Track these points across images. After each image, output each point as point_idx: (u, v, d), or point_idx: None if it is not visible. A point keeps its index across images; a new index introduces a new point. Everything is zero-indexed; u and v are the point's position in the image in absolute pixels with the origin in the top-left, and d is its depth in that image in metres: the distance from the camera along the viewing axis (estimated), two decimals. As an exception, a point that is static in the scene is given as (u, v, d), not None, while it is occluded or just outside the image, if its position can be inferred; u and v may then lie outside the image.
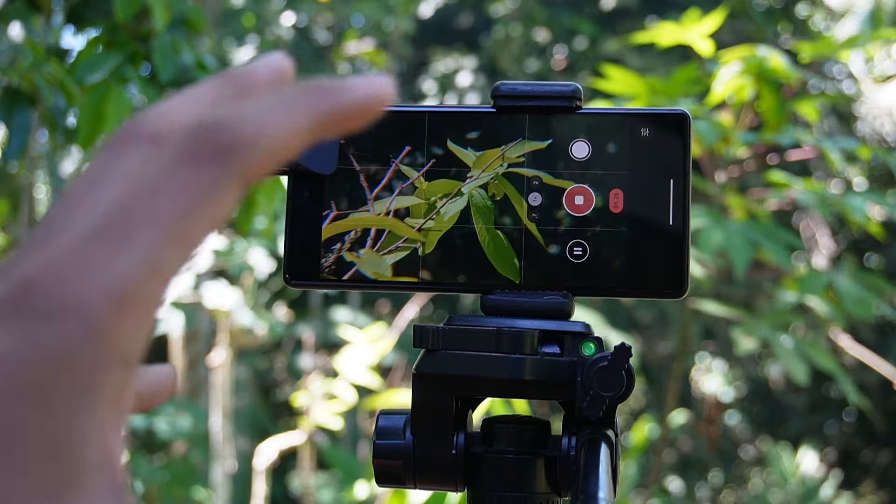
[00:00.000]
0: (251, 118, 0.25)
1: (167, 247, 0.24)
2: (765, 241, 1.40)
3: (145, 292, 0.23)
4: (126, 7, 1.32)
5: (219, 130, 0.25)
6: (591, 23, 4.17)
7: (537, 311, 0.48)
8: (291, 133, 0.26)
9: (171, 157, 0.25)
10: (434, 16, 4.73)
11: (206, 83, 0.28)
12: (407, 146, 0.49)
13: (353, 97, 0.27)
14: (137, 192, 0.24)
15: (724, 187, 1.58)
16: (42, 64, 1.29)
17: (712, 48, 1.58)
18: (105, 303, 0.22)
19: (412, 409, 0.48)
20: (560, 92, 0.49)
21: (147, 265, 0.23)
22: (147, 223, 0.24)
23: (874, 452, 4.78)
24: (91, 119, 1.32)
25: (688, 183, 0.49)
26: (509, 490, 0.48)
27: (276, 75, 0.29)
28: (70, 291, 0.22)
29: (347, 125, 0.27)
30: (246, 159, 0.25)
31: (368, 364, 1.87)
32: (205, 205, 0.24)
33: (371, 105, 0.27)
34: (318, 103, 0.26)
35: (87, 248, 0.23)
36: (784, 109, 1.51)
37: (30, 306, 0.22)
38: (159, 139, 0.26)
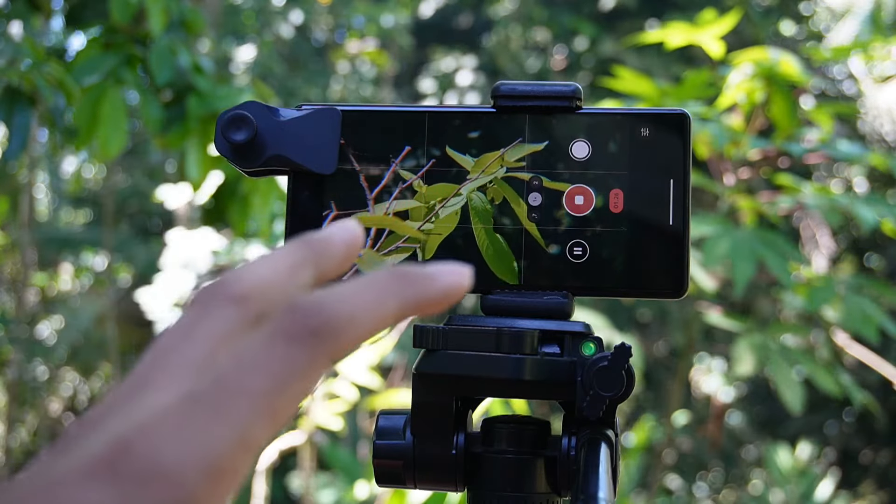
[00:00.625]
0: (344, 303, 0.27)
1: (259, 422, 0.25)
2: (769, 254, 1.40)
3: (235, 465, 0.24)
4: (123, 10, 1.32)
5: (315, 312, 0.26)
6: (591, 23, 4.17)
7: (537, 311, 0.48)
8: (380, 319, 0.28)
9: (267, 333, 0.26)
10: (434, 16, 4.73)
11: (287, 248, 0.30)
12: (407, 146, 0.49)
13: (438, 288, 0.29)
14: (233, 364, 0.25)
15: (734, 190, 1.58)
16: (42, 64, 1.29)
17: (723, 50, 1.58)
18: (198, 474, 0.23)
19: (412, 409, 0.48)
20: (560, 92, 0.49)
21: (239, 439, 0.24)
22: (241, 398, 0.25)
23: (874, 452, 4.78)
24: (87, 121, 1.32)
25: (688, 183, 0.49)
26: (509, 490, 0.47)
27: (351, 244, 0.31)
28: (165, 459, 0.23)
29: (429, 311, 0.29)
30: (337, 341, 0.26)
31: (368, 364, 1.87)
32: (297, 383, 0.26)
33: (453, 295, 0.29)
34: (406, 292, 0.28)
35: (182, 415, 0.24)
36: (796, 113, 1.51)
37: (126, 469, 0.23)
38: (244, 301, 0.28)
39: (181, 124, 1.39)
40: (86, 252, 4.63)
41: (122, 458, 0.23)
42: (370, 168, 0.49)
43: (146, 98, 1.35)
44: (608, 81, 1.58)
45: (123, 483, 0.23)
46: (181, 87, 1.40)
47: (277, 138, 0.48)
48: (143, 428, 0.24)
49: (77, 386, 4.84)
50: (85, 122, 1.32)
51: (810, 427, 4.56)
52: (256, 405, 0.25)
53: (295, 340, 0.26)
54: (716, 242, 1.40)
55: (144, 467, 0.23)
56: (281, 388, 0.25)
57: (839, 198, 1.53)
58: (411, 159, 0.49)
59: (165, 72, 1.34)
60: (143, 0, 1.33)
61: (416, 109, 0.50)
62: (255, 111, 0.48)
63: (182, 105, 1.40)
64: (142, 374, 0.26)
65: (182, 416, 0.24)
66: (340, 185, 0.49)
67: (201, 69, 1.42)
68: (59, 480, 0.23)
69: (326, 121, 0.49)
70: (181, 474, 0.23)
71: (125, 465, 0.23)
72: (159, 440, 0.23)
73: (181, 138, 1.40)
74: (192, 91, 1.40)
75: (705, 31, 1.56)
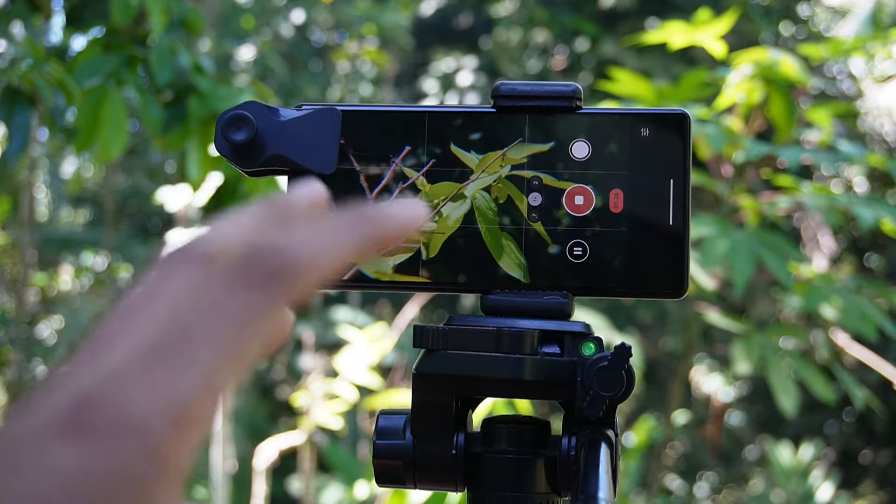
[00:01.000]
0: (301, 243, 0.27)
1: (222, 367, 0.25)
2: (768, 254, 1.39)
3: (201, 411, 0.24)
4: (123, 11, 1.32)
5: (272, 255, 0.26)
6: (592, 23, 4.17)
7: (537, 311, 0.48)
8: (338, 258, 0.28)
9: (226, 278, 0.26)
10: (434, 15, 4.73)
11: (252, 209, 0.30)
12: (407, 146, 0.49)
13: (393, 225, 0.29)
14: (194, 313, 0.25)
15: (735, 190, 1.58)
16: (42, 64, 1.29)
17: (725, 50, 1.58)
18: (164, 423, 0.23)
19: (412, 409, 0.48)
20: (560, 92, 0.49)
21: (204, 385, 0.24)
22: (204, 344, 0.25)
23: (874, 452, 4.78)
24: (87, 122, 1.32)
25: (688, 183, 0.49)
26: (509, 490, 0.48)
27: (314, 202, 0.32)
28: (130, 410, 0.23)
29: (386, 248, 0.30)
30: (296, 282, 0.26)
31: (368, 364, 1.87)
32: (258, 325, 0.26)
33: (408, 230, 0.30)
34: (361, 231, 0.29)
35: (145, 366, 0.24)
36: (794, 114, 1.51)
37: (89, 424, 0.23)
38: (209, 261, 0.28)
39: (181, 125, 1.39)
40: (86, 252, 4.63)
41: (85, 413, 0.23)
42: (370, 168, 0.49)
43: (146, 99, 1.35)
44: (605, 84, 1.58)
45: (88, 438, 0.23)
46: (182, 87, 1.40)
47: (277, 138, 0.48)
48: (105, 381, 0.24)
49: (77, 386, 4.83)
50: (85, 124, 1.32)
51: (810, 427, 4.56)
52: (219, 350, 0.25)
53: (254, 285, 0.26)
54: (714, 243, 1.40)
55: (109, 420, 0.23)
56: (243, 332, 0.25)
57: (839, 198, 1.53)
58: (411, 159, 0.49)
59: (166, 72, 1.34)
60: (143, 0, 1.33)
61: (416, 109, 0.50)
62: (255, 111, 0.48)
63: (182, 105, 1.40)
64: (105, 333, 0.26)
65: (144, 367, 0.24)
66: (340, 185, 0.49)
67: (202, 69, 1.42)
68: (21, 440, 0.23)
69: (326, 121, 0.49)
70: (147, 424, 0.23)
71: (89, 419, 0.23)
72: (122, 392, 0.23)
73: (181, 139, 1.40)
74: (193, 91, 1.40)
75: (705, 31, 1.56)
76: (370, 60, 4.01)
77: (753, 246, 1.40)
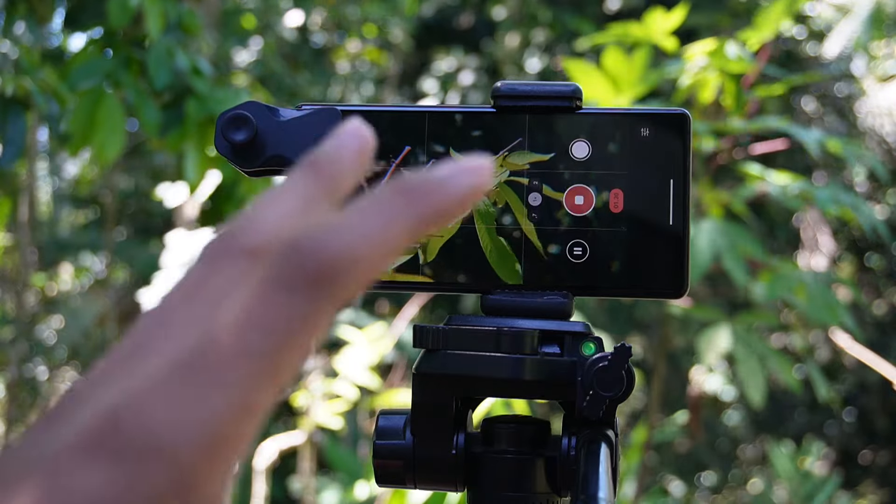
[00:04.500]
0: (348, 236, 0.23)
1: (259, 384, 0.22)
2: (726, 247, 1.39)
3: (235, 434, 0.22)
4: (120, 14, 1.32)
5: (313, 254, 0.23)
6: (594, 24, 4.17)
7: (537, 311, 0.48)
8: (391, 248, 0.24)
9: (263, 282, 0.23)
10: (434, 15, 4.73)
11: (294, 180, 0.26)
12: (407, 146, 0.49)
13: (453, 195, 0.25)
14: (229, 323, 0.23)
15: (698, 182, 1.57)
16: (36, 70, 1.29)
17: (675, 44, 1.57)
18: (194, 449, 0.21)
19: (412, 409, 0.48)
20: (560, 92, 0.49)
21: (238, 406, 0.22)
22: (239, 359, 0.22)
23: (874, 452, 4.78)
24: (83, 125, 1.32)
25: (688, 183, 0.49)
26: (509, 490, 0.47)
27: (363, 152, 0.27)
28: (158, 433, 0.21)
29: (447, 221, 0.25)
30: (342, 284, 0.23)
31: (368, 364, 1.87)
32: (299, 338, 0.23)
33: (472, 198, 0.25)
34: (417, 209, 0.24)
35: (175, 382, 0.22)
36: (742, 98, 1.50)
37: (116, 443, 0.21)
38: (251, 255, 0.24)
39: (179, 127, 1.39)
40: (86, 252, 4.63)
41: (111, 432, 0.21)
42: (370, 168, 0.49)
43: (143, 101, 1.35)
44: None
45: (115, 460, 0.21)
46: (179, 89, 1.40)
47: (277, 138, 0.48)
48: (133, 398, 0.22)
49: (77, 386, 4.83)
50: (82, 126, 1.31)
51: (810, 427, 4.56)
52: (255, 365, 0.22)
53: (295, 289, 0.23)
54: None
55: (136, 443, 0.21)
56: (282, 345, 0.23)
57: (800, 184, 1.53)
58: (412, 159, 0.49)
59: (163, 75, 1.34)
60: (141, 2, 1.33)
61: (416, 109, 0.50)
62: (255, 111, 0.48)
63: (180, 108, 1.40)
64: (139, 337, 0.24)
65: (175, 383, 0.22)
66: (340, 185, 0.49)
67: (199, 72, 1.41)
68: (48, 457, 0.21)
69: (326, 121, 0.49)
70: (176, 449, 0.21)
71: (114, 439, 0.21)
72: (150, 412, 0.21)
73: (179, 141, 1.40)
74: (191, 94, 1.40)
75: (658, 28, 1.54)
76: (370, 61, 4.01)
77: (714, 237, 1.40)
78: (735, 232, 1.43)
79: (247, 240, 0.25)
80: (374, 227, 0.24)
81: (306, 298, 0.23)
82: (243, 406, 0.22)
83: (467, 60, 4.30)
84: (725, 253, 1.39)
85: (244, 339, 0.22)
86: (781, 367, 1.57)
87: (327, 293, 0.23)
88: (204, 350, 0.22)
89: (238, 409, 0.22)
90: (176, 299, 0.24)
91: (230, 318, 0.23)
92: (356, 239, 0.23)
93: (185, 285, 0.25)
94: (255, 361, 0.22)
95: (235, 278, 0.24)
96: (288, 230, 0.25)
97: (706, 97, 1.54)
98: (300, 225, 0.25)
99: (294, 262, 0.23)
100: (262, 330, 0.23)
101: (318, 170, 0.26)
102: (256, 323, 0.23)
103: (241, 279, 0.24)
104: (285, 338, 0.23)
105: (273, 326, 0.23)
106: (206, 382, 0.22)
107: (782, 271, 1.52)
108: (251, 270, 0.24)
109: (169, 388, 0.22)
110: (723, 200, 1.57)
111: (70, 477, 0.21)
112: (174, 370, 0.22)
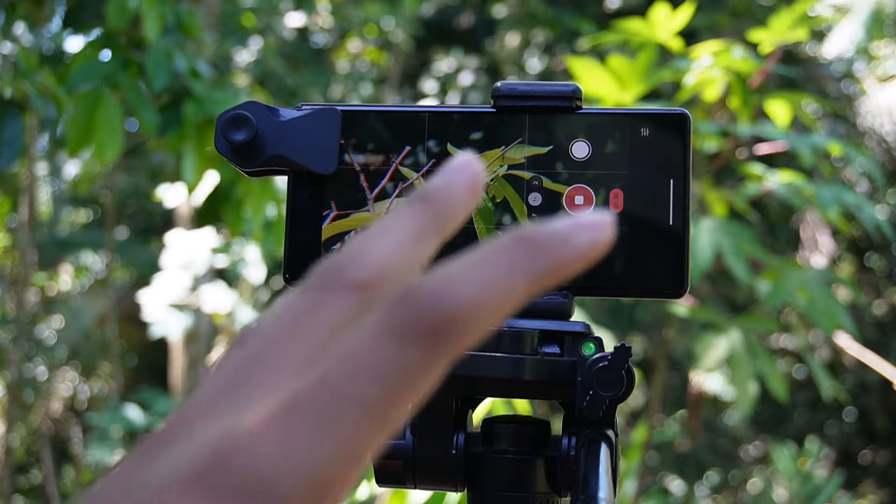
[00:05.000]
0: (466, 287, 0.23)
1: (368, 432, 0.22)
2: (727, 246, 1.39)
3: (340, 480, 0.22)
4: (119, 16, 1.32)
5: (430, 305, 0.22)
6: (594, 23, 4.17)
7: (537, 311, 0.48)
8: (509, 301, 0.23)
9: (377, 328, 0.23)
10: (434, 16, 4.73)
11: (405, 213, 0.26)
12: (407, 146, 0.49)
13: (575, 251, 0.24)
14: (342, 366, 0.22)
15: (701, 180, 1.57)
16: (34, 73, 1.28)
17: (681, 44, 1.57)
18: (300, 491, 0.21)
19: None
20: (560, 92, 0.49)
21: (347, 453, 0.22)
22: (349, 406, 0.22)
23: (874, 452, 4.78)
24: (81, 127, 1.32)
25: (688, 183, 0.49)
26: (509, 490, 0.47)
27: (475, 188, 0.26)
28: (267, 476, 0.21)
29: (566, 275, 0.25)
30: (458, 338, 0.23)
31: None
32: (411, 388, 0.23)
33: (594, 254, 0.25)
34: (537, 263, 0.24)
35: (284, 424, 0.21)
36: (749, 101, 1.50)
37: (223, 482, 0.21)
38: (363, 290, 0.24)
39: (177, 129, 1.39)
40: (86, 252, 4.63)
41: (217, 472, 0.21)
42: (370, 168, 0.49)
43: (141, 103, 1.35)
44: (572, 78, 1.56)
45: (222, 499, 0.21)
46: (178, 91, 1.40)
47: (277, 138, 0.48)
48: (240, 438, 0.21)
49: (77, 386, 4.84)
50: (80, 127, 1.31)
51: (810, 427, 4.56)
52: (365, 414, 0.22)
53: (410, 340, 0.22)
54: None
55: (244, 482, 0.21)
56: (393, 395, 0.22)
57: (802, 184, 1.53)
58: (412, 159, 0.49)
59: (162, 77, 1.34)
60: (139, 5, 1.33)
61: (417, 109, 0.50)
62: (255, 111, 0.48)
63: (178, 109, 1.40)
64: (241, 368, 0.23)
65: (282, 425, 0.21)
66: (340, 185, 0.49)
67: (198, 73, 1.41)
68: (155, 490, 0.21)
69: (326, 121, 0.49)
70: (281, 491, 0.21)
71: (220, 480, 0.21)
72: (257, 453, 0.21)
73: (177, 143, 1.40)
74: (189, 96, 1.40)
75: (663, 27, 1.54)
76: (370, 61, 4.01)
77: (716, 235, 1.40)
78: (737, 231, 1.43)
79: (355, 274, 0.24)
80: (494, 280, 0.23)
81: (421, 350, 0.22)
82: (349, 454, 0.22)
83: (467, 61, 4.31)
84: (727, 252, 1.38)
85: (355, 387, 0.22)
86: (773, 375, 1.57)
87: (442, 346, 0.23)
88: (314, 394, 0.22)
89: (346, 457, 0.22)
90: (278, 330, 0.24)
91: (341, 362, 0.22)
92: (475, 292, 0.23)
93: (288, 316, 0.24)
94: (365, 410, 0.22)
95: (344, 315, 0.24)
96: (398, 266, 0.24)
97: (711, 97, 1.54)
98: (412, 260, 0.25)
99: (411, 310, 0.23)
100: (374, 379, 0.22)
101: (430, 204, 0.26)
102: (369, 371, 0.22)
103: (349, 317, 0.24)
104: (397, 389, 0.22)
105: (386, 377, 0.22)
106: (314, 427, 0.22)
107: (785, 272, 1.51)
108: (360, 308, 0.24)
109: (277, 429, 0.22)
110: (726, 199, 1.57)
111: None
112: (283, 411, 0.22)
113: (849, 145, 1.56)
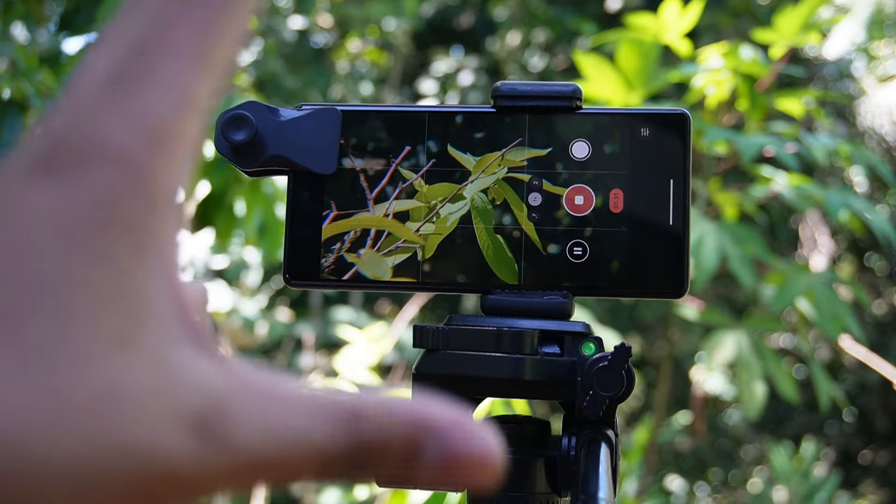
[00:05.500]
0: None
1: (194, 75, 0.23)
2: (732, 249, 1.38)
3: (180, 127, 0.22)
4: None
5: None
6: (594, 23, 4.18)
7: (537, 311, 0.48)
8: None
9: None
10: (434, 16, 4.73)
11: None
12: (407, 146, 0.49)
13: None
14: (152, 29, 0.23)
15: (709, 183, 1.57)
16: (33, 73, 1.28)
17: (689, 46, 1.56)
18: (142, 146, 0.22)
19: (412, 409, 0.48)
20: (560, 92, 0.49)
21: (177, 98, 0.22)
22: (167, 56, 0.22)
23: (874, 452, 4.78)
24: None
25: (688, 183, 0.49)
26: (509, 490, 0.47)
27: None
28: (103, 141, 0.21)
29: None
30: None
31: (368, 364, 1.87)
32: (223, 21, 0.23)
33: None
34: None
35: (111, 91, 0.22)
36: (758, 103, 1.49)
37: (64, 160, 0.21)
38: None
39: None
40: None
41: (59, 152, 0.21)
42: (370, 168, 0.49)
43: None
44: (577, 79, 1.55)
45: (66, 175, 0.21)
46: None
47: (277, 138, 0.48)
48: (73, 116, 0.22)
49: (77, 386, 4.84)
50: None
51: (810, 427, 4.56)
52: (185, 56, 0.22)
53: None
54: None
55: (84, 154, 0.21)
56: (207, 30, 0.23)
57: (810, 187, 1.53)
58: (411, 159, 0.49)
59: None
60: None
61: (417, 109, 0.50)
62: (254, 111, 0.48)
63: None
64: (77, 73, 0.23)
65: (111, 91, 0.22)
66: (340, 185, 0.49)
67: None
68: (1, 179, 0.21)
69: (326, 121, 0.49)
70: (124, 150, 0.21)
71: (61, 157, 0.21)
72: (92, 123, 0.21)
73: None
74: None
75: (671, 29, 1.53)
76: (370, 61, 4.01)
77: (721, 239, 1.40)
78: (743, 234, 1.43)
79: None
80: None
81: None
82: (182, 98, 0.22)
83: (467, 61, 4.31)
84: (733, 257, 1.38)
85: (168, 38, 0.23)
86: (782, 376, 1.57)
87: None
88: (131, 59, 0.23)
89: (177, 101, 0.22)
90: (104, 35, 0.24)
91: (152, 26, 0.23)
92: None
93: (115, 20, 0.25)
94: (184, 53, 0.23)
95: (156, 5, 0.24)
96: None
97: (719, 98, 1.53)
98: None
99: None
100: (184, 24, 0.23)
101: None
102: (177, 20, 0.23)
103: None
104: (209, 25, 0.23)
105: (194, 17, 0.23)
106: (140, 83, 0.22)
107: (790, 276, 1.51)
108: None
109: (105, 97, 0.22)
110: (735, 201, 1.57)
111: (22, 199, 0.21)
112: (107, 82, 0.22)
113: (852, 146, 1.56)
